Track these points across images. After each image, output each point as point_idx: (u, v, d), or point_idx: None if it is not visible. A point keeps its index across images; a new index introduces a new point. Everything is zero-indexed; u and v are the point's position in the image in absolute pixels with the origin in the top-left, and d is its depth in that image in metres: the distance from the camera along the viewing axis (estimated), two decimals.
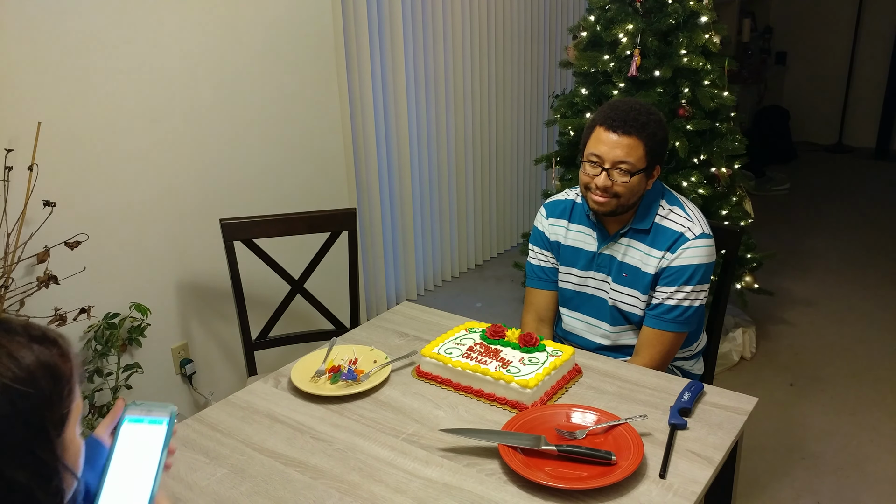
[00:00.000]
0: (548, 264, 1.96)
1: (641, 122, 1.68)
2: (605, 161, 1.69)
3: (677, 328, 1.76)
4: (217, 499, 1.26)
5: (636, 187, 1.71)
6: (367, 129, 3.29)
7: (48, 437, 0.82)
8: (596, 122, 1.73)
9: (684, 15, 2.70)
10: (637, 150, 1.68)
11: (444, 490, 1.26)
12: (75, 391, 0.87)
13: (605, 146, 1.69)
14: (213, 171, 2.56)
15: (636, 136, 1.67)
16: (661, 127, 1.73)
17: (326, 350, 1.72)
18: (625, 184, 1.69)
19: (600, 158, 1.70)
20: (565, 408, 1.45)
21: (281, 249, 2.22)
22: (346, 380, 1.59)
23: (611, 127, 1.69)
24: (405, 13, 3.38)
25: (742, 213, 2.92)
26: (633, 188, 1.71)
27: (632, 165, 1.68)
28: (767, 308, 3.57)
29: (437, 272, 4.02)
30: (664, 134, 1.73)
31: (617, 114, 1.70)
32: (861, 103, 6.51)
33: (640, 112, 1.70)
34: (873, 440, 2.62)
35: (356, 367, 1.62)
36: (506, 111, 4.20)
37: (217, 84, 2.51)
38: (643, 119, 1.69)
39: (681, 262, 1.73)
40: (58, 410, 0.84)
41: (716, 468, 1.30)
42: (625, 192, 1.71)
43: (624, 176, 1.69)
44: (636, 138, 1.67)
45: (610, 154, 1.69)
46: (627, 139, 1.67)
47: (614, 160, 1.68)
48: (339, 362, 1.66)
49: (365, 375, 1.60)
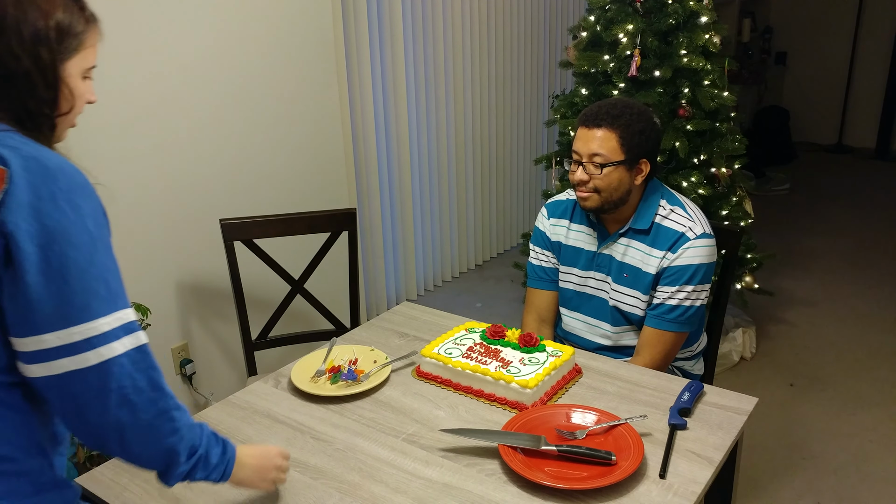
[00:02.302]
0: (549, 264, 1.96)
1: (614, 114, 1.71)
2: (582, 156, 1.73)
3: (678, 328, 1.76)
4: (217, 499, 1.26)
5: (615, 181, 1.72)
6: (367, 129, 3.29)
7: (51, 46, 0.99)
8: (577, 124, 1.77)
9: (684, 15, 2.70)
10: (609, 142, 1.70)
11: (445, 490, 1.26)
12: (85, 41, 1.03)
13: (581, 142, 1.74)
14: (213, 171, 2.56)
15: (607, 128, 1.70)
16: (641, 119, 1.72)
17: (326, 350, 1.73)
18: (599, 176, 1.71)
19: (578, 154, 1.74)
20: (565, 408, 1.45)
21: (281, 249, 2.22)
22: (346, 380, 1.59)
23: (585, 123, 1.74)
24: (405, 13, 3.38)
25: (742, 213, 2.92)
26: (612, 182, 1.72)
27: (605, 157, 1.70)
28: (767, 308, 3.57)
29: (437, 272, 4.02)
30: (645, 126, 1.72)
31: (591, 111, 1.74)
32: (861, 103, 6.50)
33: (614, 106, 1.73)
34: (873, 440, 2.62)
35: (356, 368, 1.62)
36: (506, 111, 4.20)
37: (217, 84, 2.51)
38: (616, 112, 1.71)
39: (682, 261, 1.73)
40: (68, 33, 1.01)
41: (716, 468, 1.30)
42: (604, 187, 1.72)
43: (597, 168, 1.71)
44: (607, 129, 1.70)
45: (584, 148, 1.72)
46: (599, 131, 1.70)
47: (588, 153, 1.72)
48: (339, 362, 1.66)
49: (365, 376, 1.60)
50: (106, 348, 0.94)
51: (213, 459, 1.09)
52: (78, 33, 1.02)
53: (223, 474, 1.11)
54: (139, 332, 0.99)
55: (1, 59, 0.96)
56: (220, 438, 1.12)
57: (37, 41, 0.98)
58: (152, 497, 1.27)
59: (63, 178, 0.96)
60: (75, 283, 0.93)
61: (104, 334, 0.94)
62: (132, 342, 0.97)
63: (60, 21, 0.99)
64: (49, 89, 1.00)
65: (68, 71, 1.02)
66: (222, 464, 1.10)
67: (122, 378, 0.95)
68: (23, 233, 0.91)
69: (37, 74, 0.99)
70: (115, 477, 1.32)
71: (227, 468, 1.11)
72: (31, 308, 0.92)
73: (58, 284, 0.92)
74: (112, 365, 0.94)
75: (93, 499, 1.29)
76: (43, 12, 0.98)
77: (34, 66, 0.98)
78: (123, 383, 0.95)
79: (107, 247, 0.99)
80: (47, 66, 0.99)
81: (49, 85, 1.00)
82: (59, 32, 1.00)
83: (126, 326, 0.97)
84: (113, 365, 0.95)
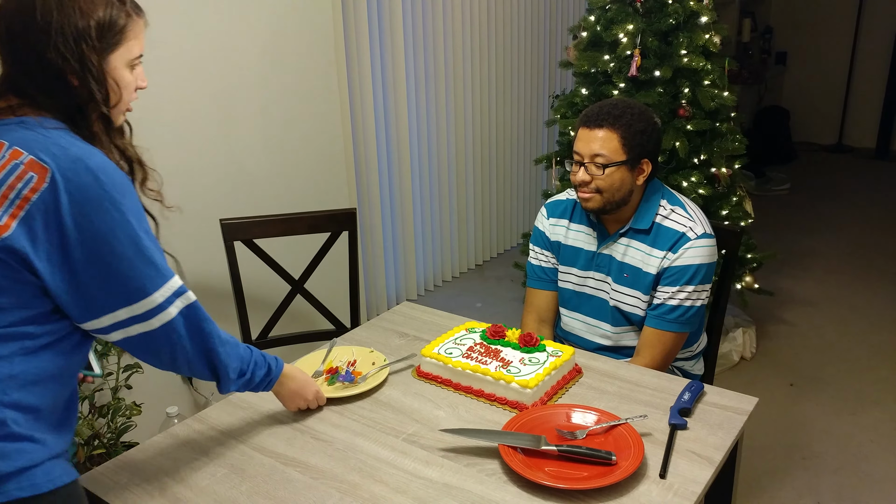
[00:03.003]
0: (548, 264, 1.96)
1: (615, 114, 1.71)
2: (584, 157, 1.73)
3: (679, 328, 1.76)
4: (217, 499, 1.26)
5: (617, 182, 1.72)
6: (367, 129, 3.29)
7: (93, 44, 1.08)
8: (578, 125, 1.77)
9: (684, 15, 2.70)
10: (611, 142, 1.70)
11: (445, 490, 1.26)
12: (128, 33, 1.13)
13: (582, 143, 1.73)
14: (213, 171, 2.56)
15: (608, 128, 1.70)
16: (643, 119, 1.72)
17: (326, 351, 1.73)
18: (602, 177, 1.71)
19: (579, 155, 1.74)
20: (565, 408, 1.45)
21: (281, 249, 2.22)
22: (344, 381, 1.59)
23: (586, 124, 1.73)
24: (405, 13, 3.38)
25: (742, 213, 2.92)
26: (614, 182, 1.72)
27: (607, 158, 1.70)
28: (767, 308, 3.57)
29: (437, 272, 4.02)
30: (646, 126, 1.73)
31: (592, 111, 1.74)
32: (861, 103, 6.50)
33: (615, 106, 1.72)
34: (873, 440, 2.62)
35: (354, 369, 1.62)
36: (506, 111, 4.20)
37: (217, 84, 2.51)
38: (617, 112, 1.71)
39: (683, 261, 1.73)
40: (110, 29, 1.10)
41: (716, 468, 1.30)
42: (606, 187, 1.72)
43: (599, 169, 1.70)
44: (609, 130, 1.70)
45: (586, 149, 1.72)
46: (601, 132, 1.70)
47: (590, 154, 1.71)
48: (337, 363, 1.66)
49: (362, 378, 1.60)
50: (164, 314, 1.14)
51: (256, 379, 1.35)
52: (120, 27, 1.12)
53: (266, 386, 1.39)
54: (187, 293, 1.18)
55: (49, 61, 1.06)
56: (268, 361, 1.37)
57: (79, 40, 1.07)
58: (152, 497, 1.27)
59: (105, 178, 1.06)
60: (128, 272, 1.09)
61: (160, 304, 1.13)
62: (183, 302, 1.17)
63: (101, 18, 1.09)
64: (96, 85, 1.10)
65: (112, 64, 1.12)
66: (265, 381, 1.37)
67: (180, 329, 1.17)
68: (72, 235, 1.04)
69: (83, 72, 1.08)
70: (115, 477, 1.32)
71: (269, 384, 1.39)
72: (93, 298, 1.08)
73: (114, 277, 1.08)
74: (172, 324, 1.16)
75: (93, 499, 1.29)
76: (84, 13, 1.07)
77: (79, 64, 1.07)
78: (181, 333, 1.17)
79: (147, 233, 1.13)
80: (91, 63, 1.08)
81: (95, 80, 1.09)
82: (99, 30, 1.09)
83: (176, 292, 1.16)
84: (172, 323, 1.16)
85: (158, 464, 1.36)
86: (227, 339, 1.27)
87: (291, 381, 1.45)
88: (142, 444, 1.42)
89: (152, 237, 1.15)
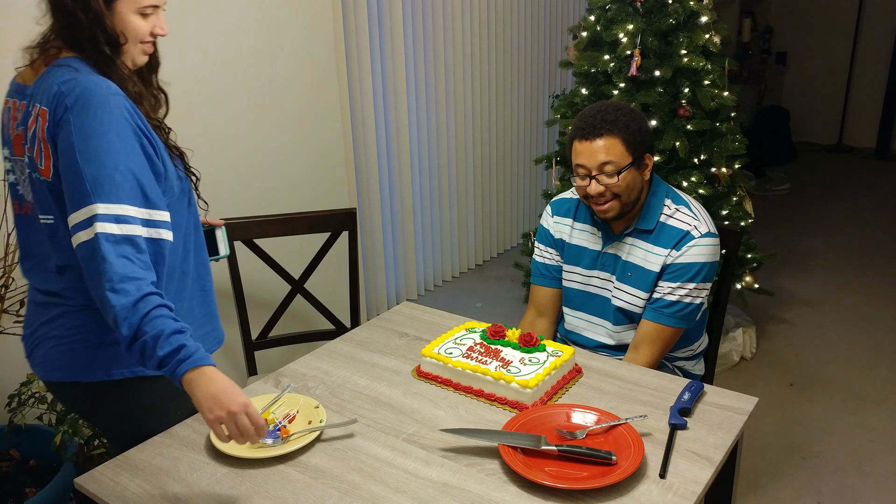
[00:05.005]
0: (552, 262, 1.97)
1: (610, 119, 1.70)
2: (591, 169, 1.71)
3: (675, 323, 1.77)
4: (217, 499, 1.26)
5: (631, 182, 1.73)
6: (367, 129, 3.29)
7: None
8: (572, 138, 1.75)
9: (684, 15, 2.70)
10: (616, 148, 1.69)
11: (445, 490, 1.26)
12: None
13: (585, 156, 1.71)
14: (213, 171, 2.56)
15: (608, 135, 1.69)
16: (635, 117, 1.73)
17: (274, 397, 1.54)
18: (616, 183, 1.71)
19: (585, 168, 1.72)
20: (565, 408, 1.45)
21: (281, 249, 2.22)
22: (268, 440, 1.38)
23: (584, 137, 1.71)
24: (405, 13, 3.38)
25: (742, 213, 2.92)
26: (629, 184, 1.72)
27: (616, 164, 1.69)
28: (767, 308, 3.57)
29: (437, 272, 4.02)
30: (640, 123, 1.73)
31: (585, 122, 1.72)
32: (861, 103, 6.50)
33: (606, 111, 1.71)
34: (873, 440, 2.62)
35: (285, 427, 1.42)
36: (506, 111, 4.20)
37: (217, 84, 2.51)
38: (611, 116, 1.70)
39: (686, 259, 1.74)
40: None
41: (716, 468, 1.30)
42: (622, 191, 1.72)
43: (612, 177, 1.70)
44: (609, 137, 1.69)
45: (592, 161, 1.71)
46: (602, 140, 1.69)
47: (598, 165, 1.70)
48: (273, 415, 1.48)
49: (288, 436, 1.40)
50: (99, 225, 1.19)
51: (159, 353, 1.17)
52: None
53: (172, 370, 1.18)
54: (131, 226, 1.22)
55: (60, 7, 1.28)
56: (184, 344, 1.18)
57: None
58: (152, 497, 1.27)
59: (99, 94, 1.24)
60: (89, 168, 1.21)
61: (98, 215, 1.20)
62: (118, 230, 1.21)
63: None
64: (97, 26, 1.27)
65: (117, 9, 1.29)
66: (169, 362, 1.18)
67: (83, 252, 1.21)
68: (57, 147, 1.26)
69: (86, 16, 1.26)
70: (115, 477, 1.32)
71: (175, 368, 1.18)
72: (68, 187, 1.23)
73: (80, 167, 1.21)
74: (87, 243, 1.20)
75: (93, 499, 1.29)
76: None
77: (83, 9, 1.26)
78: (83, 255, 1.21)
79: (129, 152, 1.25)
80: (93, 9, 1.26)
81: (96, 22, 1.27)
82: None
83: (117, 217, 1.21)
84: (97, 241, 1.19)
85: (158, 464, 1.36)
86: (131, 290, 1.18)
87: (209, 383, 1.17)
88: (142, 444, 1.42)
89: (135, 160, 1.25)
